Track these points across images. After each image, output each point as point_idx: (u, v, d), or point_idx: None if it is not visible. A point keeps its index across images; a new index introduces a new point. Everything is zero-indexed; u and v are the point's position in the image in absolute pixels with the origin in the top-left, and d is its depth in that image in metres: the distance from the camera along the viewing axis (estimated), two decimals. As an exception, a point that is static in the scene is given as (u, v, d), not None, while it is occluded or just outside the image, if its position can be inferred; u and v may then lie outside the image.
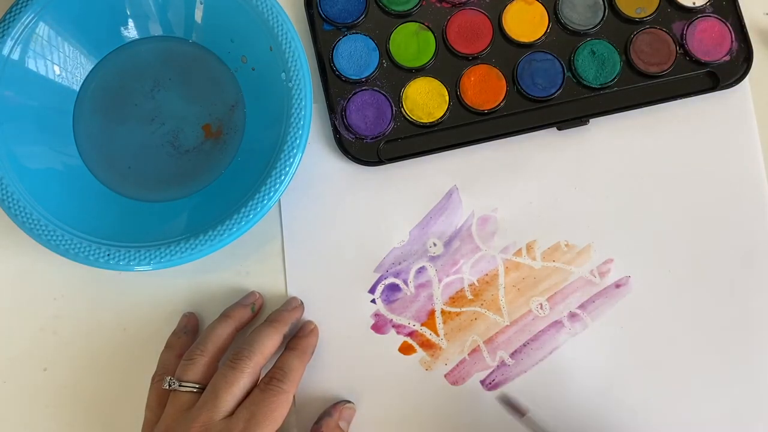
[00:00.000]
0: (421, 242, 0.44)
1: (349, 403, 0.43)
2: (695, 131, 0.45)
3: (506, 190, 0.45)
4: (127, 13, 0.44)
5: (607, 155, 0.45)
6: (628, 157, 0.45)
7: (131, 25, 0.44)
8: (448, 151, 0.44)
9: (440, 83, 0.45)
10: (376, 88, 0.45)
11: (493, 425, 0.43)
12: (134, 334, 0.44)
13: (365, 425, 0.43)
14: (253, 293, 0.44)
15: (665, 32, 0.45)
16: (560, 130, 0.45)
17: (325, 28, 0.45)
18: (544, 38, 0.45)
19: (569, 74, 0.45)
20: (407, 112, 0.45)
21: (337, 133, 0.44)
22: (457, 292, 0.44)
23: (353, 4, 0.45)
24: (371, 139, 0.44)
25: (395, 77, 0.45)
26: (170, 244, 0.40)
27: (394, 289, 0.44)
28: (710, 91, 0.45)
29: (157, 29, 0.44)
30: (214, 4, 0.42)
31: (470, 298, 0.44)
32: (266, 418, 0.36)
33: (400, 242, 0.44)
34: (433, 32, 0.45)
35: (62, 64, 0.43)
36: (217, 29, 0.43)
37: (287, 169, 0.40)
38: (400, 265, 0.44)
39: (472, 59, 0.45)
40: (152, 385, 0.40)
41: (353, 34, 0.45)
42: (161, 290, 0.44)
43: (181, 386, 0.38)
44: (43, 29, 0.42)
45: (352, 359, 0.43)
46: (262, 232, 0.44)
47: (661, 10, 0.45)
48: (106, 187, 0.44)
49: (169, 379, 0.38)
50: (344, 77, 0.45)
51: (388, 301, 0.44)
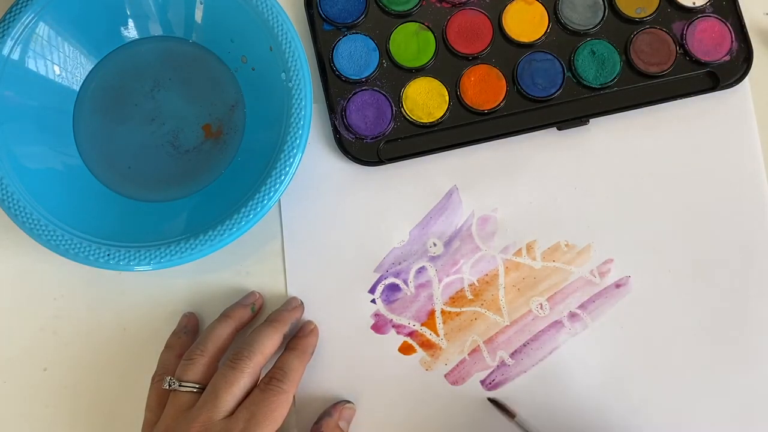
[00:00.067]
0: (421, 242, 0.44)
1: (349, 403, 0.43)
2: (695, 131, 0.45)
3: (506, 190, 0.45)
4: (127, 13, 0.44)
5: (607, 155, 0.45)
6: (628, 157, 0.45)
7: (131, 25, 0.44)
8: (448, 151, 0.44)
9: (440, 83, 0.45)
10: (376, 88, 0.45)
11: (493, 425, 0.43)
12: (134, 334, 0.44)
13: (365, 425, 0.43)
14: (253, 293, 0.44)
15: (665, 32, 0.45)
16: (560, 130, 0.45)
17: (325, 28, 0.45)
18: (544, 38, 0.45)
19: (569, 74, 0.45)
20: (407, 112, 0.45)
21: (337, 133, 0.44)
22: (457, 292, 0.44)
23: (353, 4, 0.45)
24: (371, 139, 0.44)
25: (395, 77, 0.45)
26: (170, 244, 0.40)
27: (394, 289, 0.44)
28: (710, 91, 0.45)
29: (157, 29, 0.44)
30: (214, 4, 0.42)
31: (470, 298, 0.44)
32: (266, 418, 0.36)
33: (400, 242, 0.44)
34: (433, 32, 0.45)
35: (62, 64, 0.43)
36: (217, 29, 0.43)
37: (287, 169, 0.40)
38: (400, 265, 0.44)
39: (472, 59, 0.45)
40: (152, 385, 0.40)
41: (353, 34, 0.45)
42: (161, 290, 0.44)
43: (181, 386, 0.38)
44: (43, 29, 0.42)
45: (352, 359, 0.43)
46: (262, 232, 0.44)
47: (661, 10, 0.45)
48: (106, 187, 0.43)
49: (169, 379, 0.38)
50: (344, 77, 0.45)
51: (388, 301, 0.44)
